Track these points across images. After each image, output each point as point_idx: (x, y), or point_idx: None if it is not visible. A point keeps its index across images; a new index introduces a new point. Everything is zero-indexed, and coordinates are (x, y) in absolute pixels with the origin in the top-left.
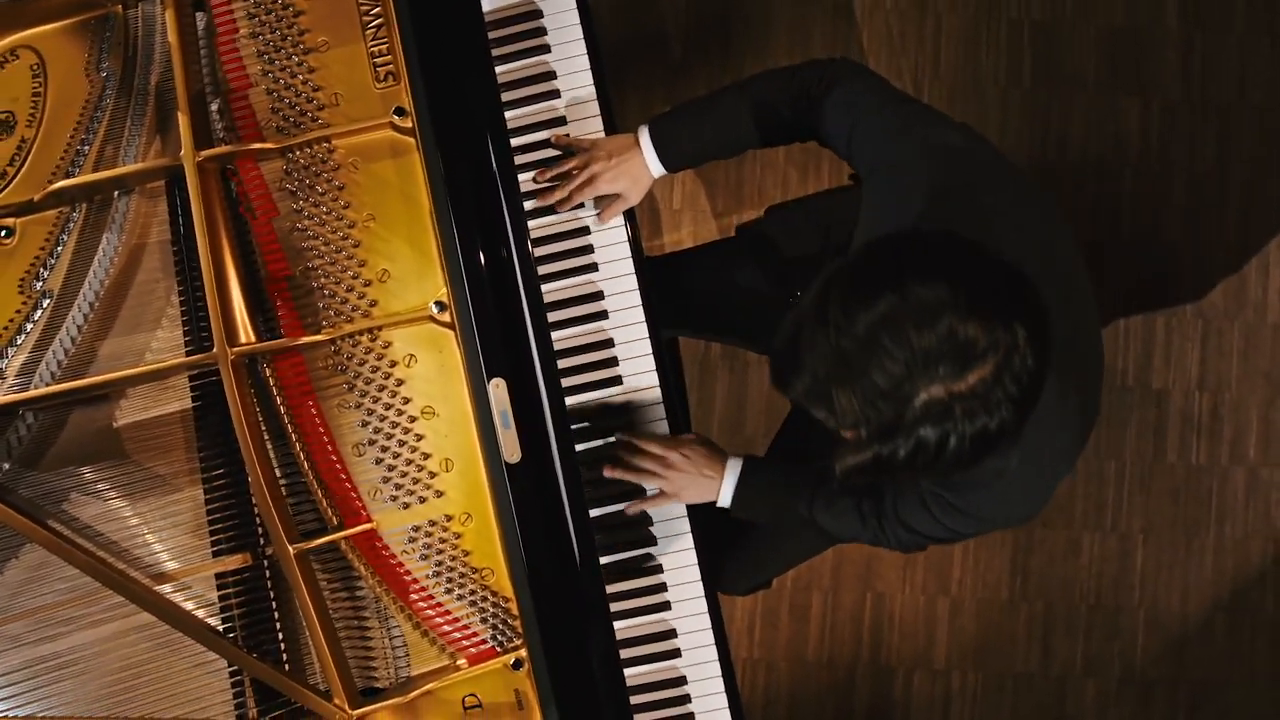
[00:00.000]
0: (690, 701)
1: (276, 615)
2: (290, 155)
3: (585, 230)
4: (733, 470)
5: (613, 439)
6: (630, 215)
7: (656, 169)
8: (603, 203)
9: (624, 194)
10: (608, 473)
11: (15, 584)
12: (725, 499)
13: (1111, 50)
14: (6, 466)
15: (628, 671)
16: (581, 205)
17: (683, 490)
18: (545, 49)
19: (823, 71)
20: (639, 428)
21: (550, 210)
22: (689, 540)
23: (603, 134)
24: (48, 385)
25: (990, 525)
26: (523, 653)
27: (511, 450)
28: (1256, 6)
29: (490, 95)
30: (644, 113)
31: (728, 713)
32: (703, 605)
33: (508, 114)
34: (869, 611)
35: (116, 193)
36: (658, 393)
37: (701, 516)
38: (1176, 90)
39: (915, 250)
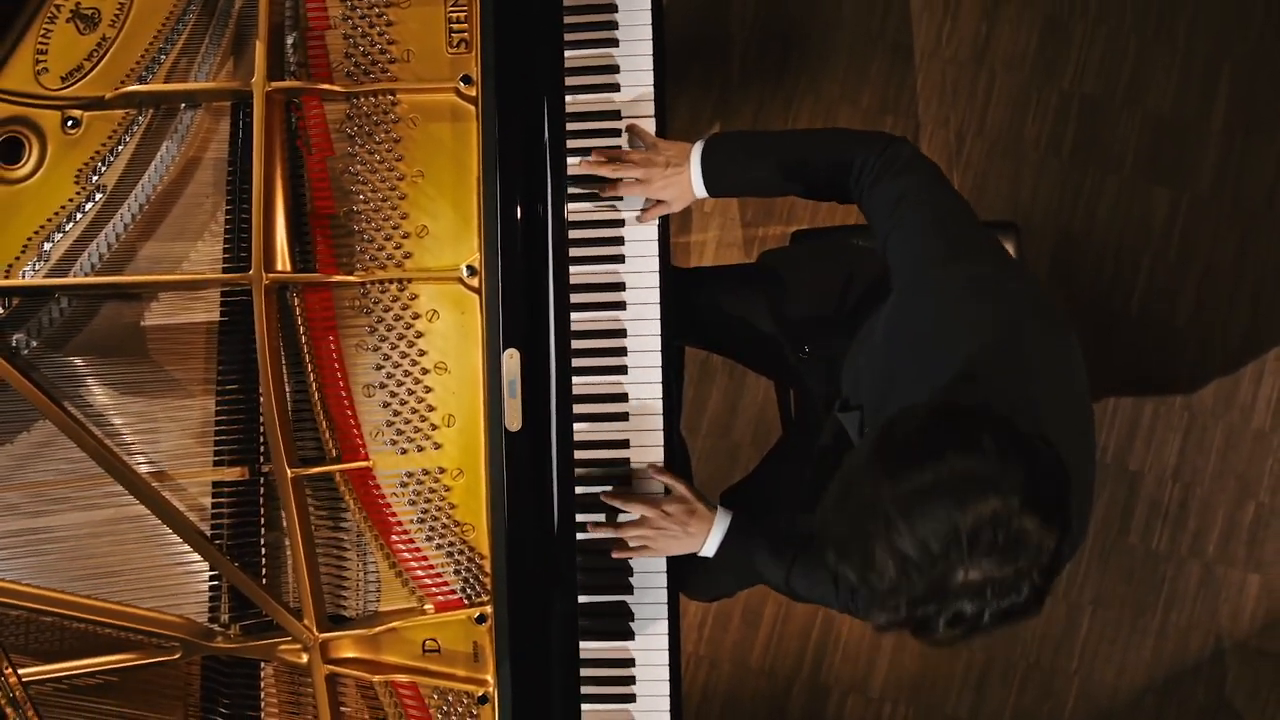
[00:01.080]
0: (635, 684)
1: (263, 532)
2: (355, 101)
3: (620, 223)
4: (719, 528)
5: (608, 433)
6: (665, 217)
7: (700, 192)
8: (649, 205)
9: (669, 202)
10: (591, 531)
11: (22, 456)
12: (710, 551)
13: (1154, 137)
14: (34, 344)
15: (582, 644)
16: (621, 198)
17: (666, 548)
18: (614, 43)
19: (883, 153)
20: (636, 419)
21: (590, 197)
22: None
23: (653, 134)
24: (86, 275)
25: None
26: (488, 609)
27: (513, 419)
28: None
29: (555, 80)
30: (692, 114)
31: (668, 701)
32: (664, 596)
33: (566, 99)
34: (817, 629)
35: (184, 105)
36: (659, 389)
37: None
38: (1208, 187)
39: (989, 424)
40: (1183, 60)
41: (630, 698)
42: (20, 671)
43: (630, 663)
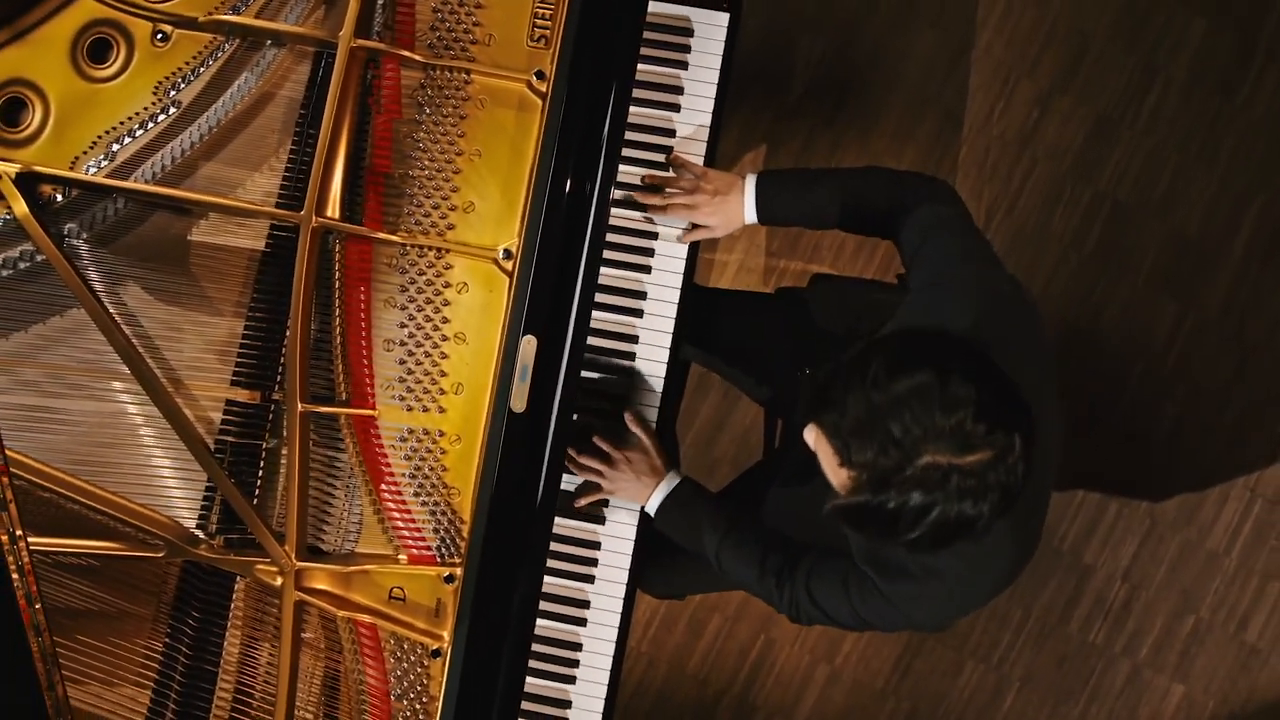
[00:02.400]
0: (577, 667)
1: (262, 456)
2: (431, 72)
3: (655, 235)
4: (667, 484)
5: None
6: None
7: (750, 218)
8: (691, 228)
9: (713, 228)
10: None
11: (50, 337)
12: (651, 507)
13: (1175, 252)
14: (84, 236)
15: (538, 621)
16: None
17: (618, 489)
18: (683, 65)
19: (923, 185)
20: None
21: (633, 204)
22: (632, 532)
23: (702, 160)
24: (146, 183)
25: (897, 621)
26: (458, 571)
27: (519, 401)
28: None
29: (623, 92)
30: (741, 137)
31: (605, 689)
32: (621, 591)
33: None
34: (756, 650)
35: (269, 42)
36: (658, 398)
37: (649, 519)
38: (1215, 311)
39: (960, 350)
40: (1218, 185)
41: (571, 679)
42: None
43: (578, 647)
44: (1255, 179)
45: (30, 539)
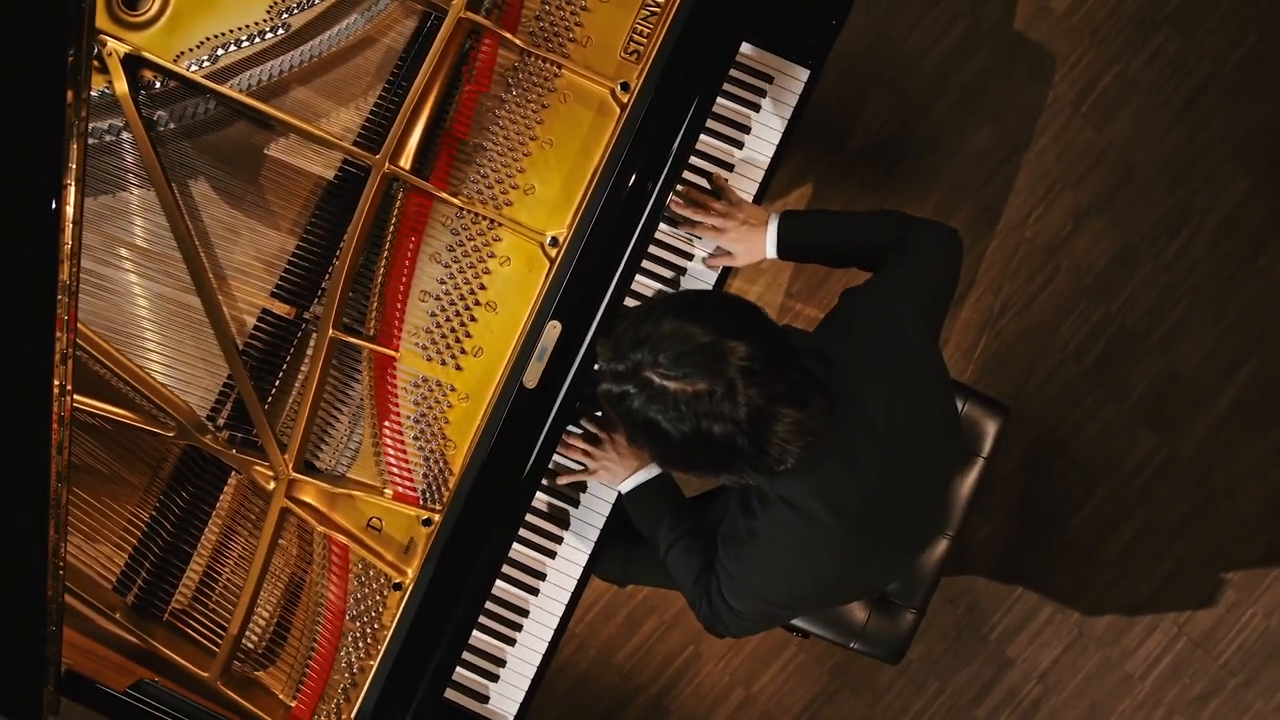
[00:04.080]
0: (520, 631)
1: (284, 368)
2: (526, 57)
3: (690, 256)
4: (647, 471)
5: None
6: (725, 271)
7: (771, 253)
8: (717, 252)
9: (735, 255)
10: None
11: (118, 209)
12: (626, 487)
13: (1165, 388)
14: (171, 126)
15: (496, 581)
16: (700, 235)
17: (600, 470)
18: (756, 107)
19: (935, 226)
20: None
21: (674, 222)
22: (601, 520)
23: (751, 197)
24: (240, 91)
25: (744, 592)
26: (436, 517)
27: (532, 378)
28: None
29: (697, 121)
30: (789, 184)
31: (540, 656)
32: (578, 571)
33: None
34: (682, 659)
35: None
36: None
37: (622, 511)
38: (1188, 453)
39: (740, 315)
40: (1220, 336)
41: (511, 640)
42: None
43: (526, 614)
44: (1256, 340)
45: None
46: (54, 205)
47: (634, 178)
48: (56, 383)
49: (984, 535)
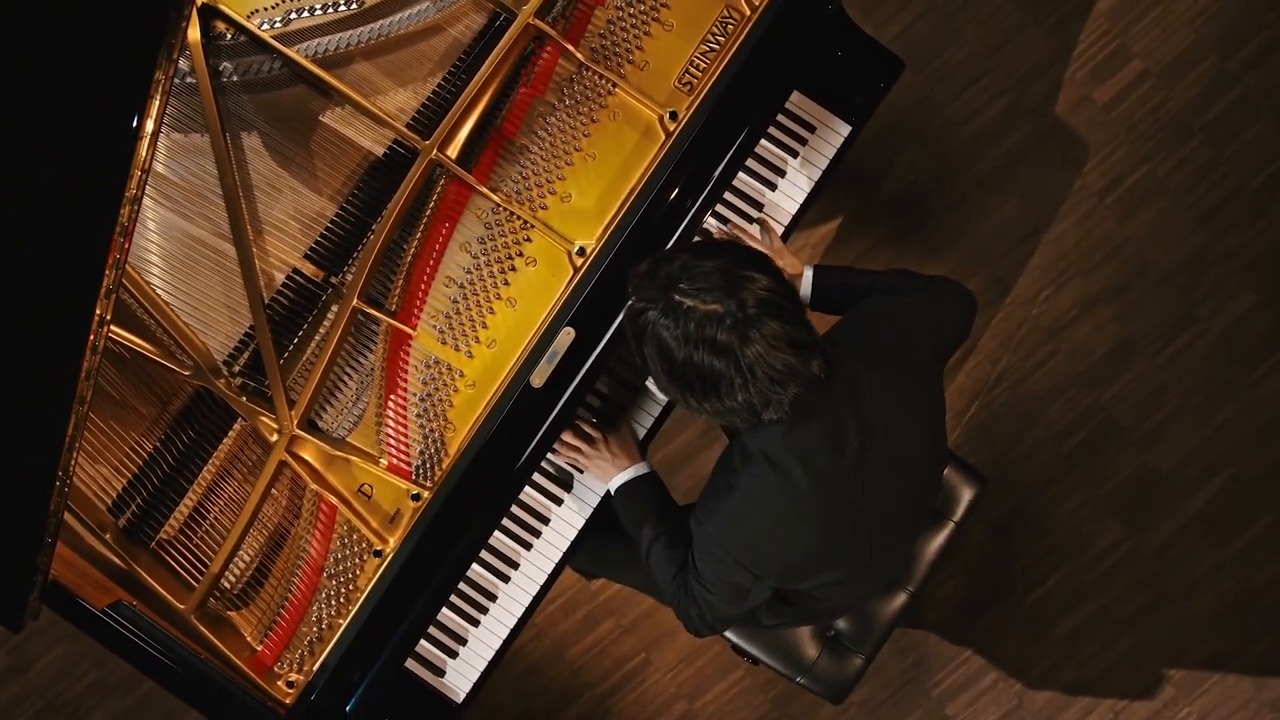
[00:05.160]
0: (485, 614)
1: (303, 329)
2: (584, 71)
3: None
4: (637, 469)
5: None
6: None
7: (804, 298)
8: None
9: None
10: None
11: (169, 149)
12: (616, 484)
13: (1139, 482)
14: (234, 79)
15: (472, 565)
16: None
17: (592, 467)
18: (794, 153)
19: (952, 283)
20: (628, 411)
21: None
22: (581, 521)
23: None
24: (306, 57)
25: (710, 547)
26: (425, 493)
27: (539, 377)
28: (1260, 540)
29: (736, 161)
30: (810, 227)
31: (500, 641)
32: (551, 566)
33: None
34: (633, 664)
35: None
36: (650, 420)
37: (607, 509)
38: (1152, 549)
39: (760, 269)
40: (1202, 442)
41: (476, 621)
42: None
43: (494, 598)
44: (1236, 451)
45: None
46: (135, 123)
47: (670, 203)
48: (97, 314)
49: (944, 593)
